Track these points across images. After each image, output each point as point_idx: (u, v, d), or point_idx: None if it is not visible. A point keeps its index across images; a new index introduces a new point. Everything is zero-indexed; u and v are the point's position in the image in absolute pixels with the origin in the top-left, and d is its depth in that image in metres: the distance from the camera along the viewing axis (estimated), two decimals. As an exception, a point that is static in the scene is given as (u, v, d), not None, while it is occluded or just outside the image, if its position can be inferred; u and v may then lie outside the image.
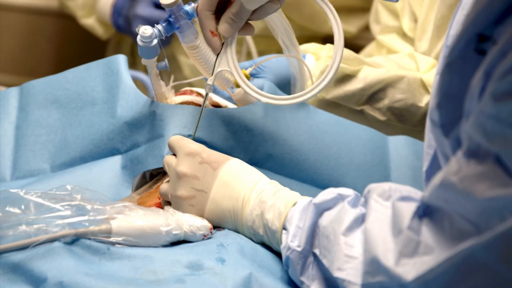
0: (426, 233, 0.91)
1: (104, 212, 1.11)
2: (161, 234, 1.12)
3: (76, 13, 2.38)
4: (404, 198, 0.98)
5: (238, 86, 1.39)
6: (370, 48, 1.97)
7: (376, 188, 1.01)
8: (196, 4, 1.26)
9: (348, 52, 1.60)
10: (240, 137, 1.33)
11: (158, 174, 1.31)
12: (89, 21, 2.36)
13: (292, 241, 1.06)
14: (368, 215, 1.00)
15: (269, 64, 1.47)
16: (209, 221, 1.16)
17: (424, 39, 1.70)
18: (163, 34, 1.27)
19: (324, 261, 1.03)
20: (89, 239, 1.09)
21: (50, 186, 1.17)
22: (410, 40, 1.84)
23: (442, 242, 0.89)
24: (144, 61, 1.29)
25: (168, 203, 1.22)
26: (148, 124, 1.34)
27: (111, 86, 1.40)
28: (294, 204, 1.10)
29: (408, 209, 0.94)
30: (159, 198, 1.24)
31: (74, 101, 1.42)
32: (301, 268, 1.06)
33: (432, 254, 0.89)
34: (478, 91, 0.86)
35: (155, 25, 1.27)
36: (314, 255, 1.06)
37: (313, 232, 1.06)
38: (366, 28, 2.16)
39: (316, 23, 1.91)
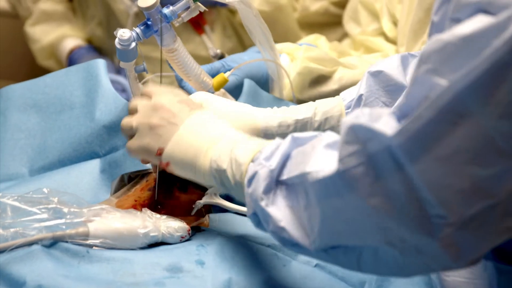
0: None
1: (81, 215, 1.11)
2: (139, 236, 1.12)
3: (36, 55, 2.42)
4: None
5: (216, 89, 1.40)
6: (346, 44, 1.97)
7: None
8: (174, 7, 1.26)
9: (323, 53, 1.61)
10: None
11: (137, 177, 1.31)
12: (47, 63, 2.41)
13: (265, 160, 1.01)
14: None
15: (240, 61, 1.47)
16: (170, 154, 1.13)
17: (405, 43, 1.71)
18: (141, 37, 1.27)
19: (295, 173, 0.96)
20: (67, 242, 1.09)
21: (28, 190, 1.17)
22: (392, 40, 1.85)
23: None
24: (122, 64, 1.29)
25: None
26: (126, 127, 1.34)
27: (90, 90, 1.40)
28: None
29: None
30: (136, 201, 1.24)
31: (53, 105, 1.42)
32: (266, 186, 1.00)
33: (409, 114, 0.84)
34: None
35: (133, 28, 1.27)
36: (281, 182, 1.00)
37: (285, 161, 1.00)
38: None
39: (290, 40, 1.93)
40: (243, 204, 1.26)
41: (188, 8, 1.28)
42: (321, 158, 0.93)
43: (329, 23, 2.17)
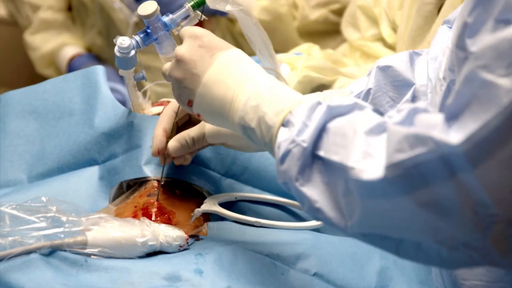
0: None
1: (80, 223, 1.11)
2: (137, 245, 1.12)
3: (35, 63, 2.42)
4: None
5: None
6: (342, 49, 1.98)
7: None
8: (173, 16, 1.26)
9: (324, 63, 1.61)
10: (217, 150, 1.33)
11: (135, 184, 1.31)
12: (47, 72, 2.41)
13: (298, 135, 0.98)
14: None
15: None
16: (198, 107, 1.12)
17: (404, 49, 1.71)
18: (140, 45, 1.27)
19: (335, 158, 0.94)
20: (65, 250, 1.09)
21: (27, 197, 1.17)
22: (390, 46, 1.85)
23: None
24: (121, 72, 1.30)
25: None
26: (125, 134, 1.34)
27: (89, 97, 1.40)
28: (298, 103, 1.03)
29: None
30: (135, 207, 1.24)
31: (52, 111, 1.42)
32: (301, 166, 0.98)
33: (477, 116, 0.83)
34: None
35: (133, 36, 1.27)
36: (317, 157, 0.98)
37: (321, 133, 0.98)
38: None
39: (289, 47, 1.93)
40: (241, 213, 1.26)
41: (187, 17, 1.28)
42: (364, 150, 0.92)
43: (329, 31, 2.17)
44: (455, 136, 0.83)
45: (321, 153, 0.97)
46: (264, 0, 2.13)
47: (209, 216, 1.27)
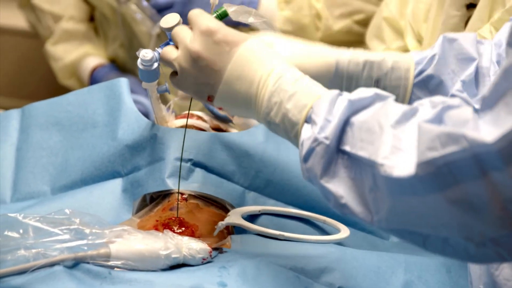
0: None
1: (103, 236, 1.11)
2: (160, 257, 1.12)
3: (57, 74, 2.43)
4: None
5: None
6: None
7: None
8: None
9: None
10: (240, 163, 1.33)
11: (159, 197, 1.30)
12: (69, 82, 2.41)
13: (320, 133, 0.98)
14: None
15: None
16: (220, 102, 1.11)
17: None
18: (163, 58, 1.27)
19: (362, 153, 0.94)
20: (89, 263, 1.09)
21: (50, 209, 1.17)
22: None
23: None
24: (144, 85, 1.30)
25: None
26: (149, 147, 1.34)
27: (113, 109, 1.40)
28: (318, 98, 1.03)
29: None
30: (157, 221, 1.24)
31: (76, 123, 1.42)
32: (325, 163, 0.98)
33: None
34: None
35: (156, 48, 1.27)
36: (342, 152, 0.98)
37: (344, 128, 0.98)
38: None
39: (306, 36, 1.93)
40: (265, 226, 1.26)
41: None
42: (393, 145, 0.91)
43: (353, 42, 2.15)
44: (489, 133, 0.83)
45: (347, 148, 0.97)
46: (287, 11, 2.12)
47: (232, 229, 1.27)
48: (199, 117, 1.44)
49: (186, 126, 1.30)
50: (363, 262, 1.22)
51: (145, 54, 1.25)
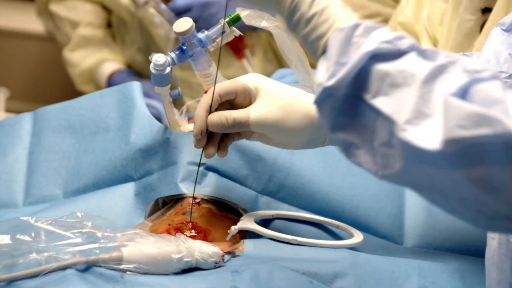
0: None
1: (115, 239, 1.11)
2: (172, 261, 1.11)
3: (74, 80, 2.44)
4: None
5: None
6: None
7: None
8: (208, 32, 1.26)
9: None
10: (254, 167, 1.33)
11: (171, 201, 1.30)
12: (86, 88, 2.42)
13: (330, 79, 0.92)
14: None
15: None
16: None
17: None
18: (176, 62, 1.27)
19: (384, 108, 0.89)
20: (101, 266, 1.09)
21: (62, 212, 1.17)
22: None
23: None
24: (157, 89, 1.30)
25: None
26: (161, 151, 1.34)
27: (125, 112, 1.40)
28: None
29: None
30: (169, 225, 1.24)
31: (88, 127, 1.42)
32: (336, 113, 0.93)
33: None
34: None
35: (168, 52, 1.27)
36: (359, 98, 0.92)
37: (362, 75, 0.91)
38: None
39: None
40: (278, 230, 1.25)
41: (223, 33, 1.27)
42: (418, 109, 0.87)
43: None
44: None
45: (367, 96, 0.91)
46: (300, 15, 2.12)
47: (245, 234, 1.26)
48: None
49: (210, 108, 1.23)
50: (377, 267, 1.21)
51: (158, 58, 1.25)
